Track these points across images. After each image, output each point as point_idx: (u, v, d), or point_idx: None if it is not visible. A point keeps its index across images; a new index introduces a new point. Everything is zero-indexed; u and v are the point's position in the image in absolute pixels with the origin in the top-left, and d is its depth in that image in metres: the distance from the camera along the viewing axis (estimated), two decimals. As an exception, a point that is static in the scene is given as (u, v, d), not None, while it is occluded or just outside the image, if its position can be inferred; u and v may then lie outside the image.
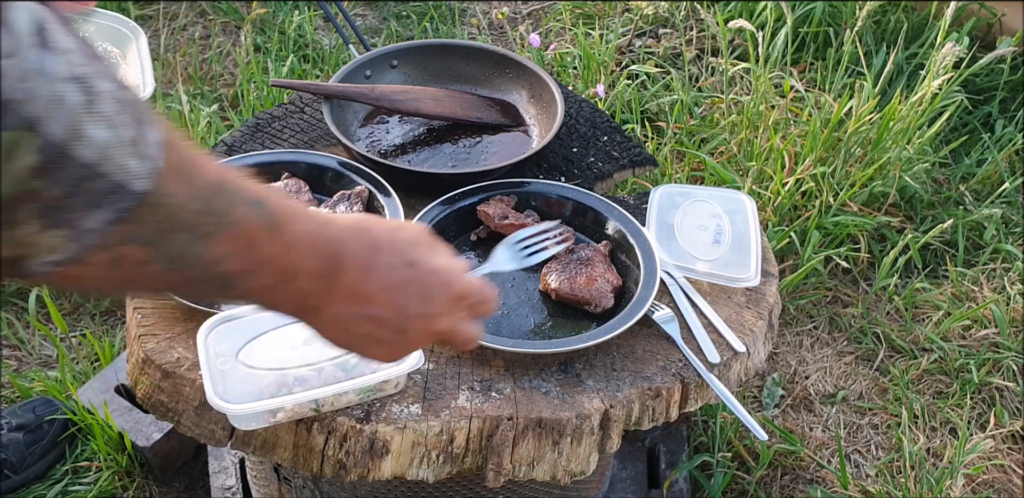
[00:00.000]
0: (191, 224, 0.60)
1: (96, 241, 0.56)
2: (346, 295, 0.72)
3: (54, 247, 0.55)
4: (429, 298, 0.76)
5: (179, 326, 1.20)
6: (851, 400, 2.05)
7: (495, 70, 1.58)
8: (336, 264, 0.71)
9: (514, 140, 1.51)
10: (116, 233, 0.56)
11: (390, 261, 0.74)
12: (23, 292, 2.15)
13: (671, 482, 1.77)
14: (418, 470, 1.13)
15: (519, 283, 1.30)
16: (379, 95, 1.47)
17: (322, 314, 0.73)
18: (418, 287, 0.76)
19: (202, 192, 0.61)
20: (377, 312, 0.74)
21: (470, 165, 1.45)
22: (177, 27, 2.86)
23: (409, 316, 0.75)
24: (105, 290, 0.64)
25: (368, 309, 0.73)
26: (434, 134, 1.50)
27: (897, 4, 2.76)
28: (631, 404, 1.15)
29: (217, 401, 1.03)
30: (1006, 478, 1.90)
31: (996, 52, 2.15)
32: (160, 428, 1.78)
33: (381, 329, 0.75)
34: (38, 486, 1.81)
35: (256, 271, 0.66)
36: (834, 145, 2.28)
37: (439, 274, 0.77)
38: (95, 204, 0.54)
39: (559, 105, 1.47)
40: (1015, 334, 2.11)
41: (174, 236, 0.60)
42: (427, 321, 0.77)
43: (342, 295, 0.72)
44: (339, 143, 1.41)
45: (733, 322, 1.25)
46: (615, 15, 2.89)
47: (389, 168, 1.37)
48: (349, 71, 1.52)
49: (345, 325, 0.74)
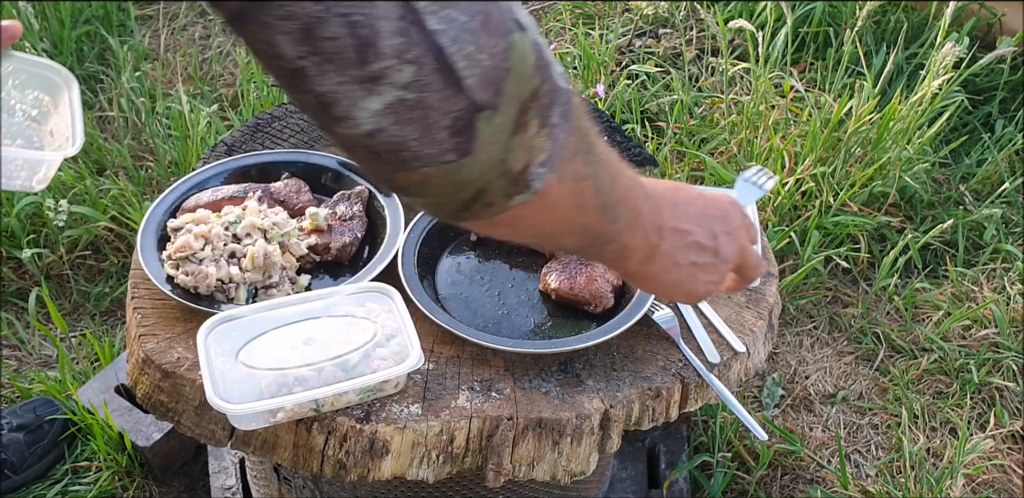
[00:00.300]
0: (596, 145, 0.72)
1: (562, 139, 0.66)
2: (670, 231, 0.84)
3: (543, 147, 0.65)
4: (726, 217, 0.89)
5: (179, 326, 1.20)
6: (851, 400, 2.05)
7: (495, 70, 1.58)
8: (657, 205, 0.83)
9: (514, 140, 1.51)
10: (569, 141, 0.67)
11: (687, 196, 0.88)
12: (23, 292, 2.15)
13: (671, 482, 1.77)
14: (418, 470, 1.13)
15: (519, 283, 1.30)
16: (379, 95, 1.47)
17: (659, 253, 0.84)
18: (714, 210, 0.89)
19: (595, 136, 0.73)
20: (695, 238, 0.86)
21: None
22: (177, 27, 2.86)
23: (718, 234, 0.88)
24: (564, 217, 0.73)
25: (688, 237, 0.86)
26: (434, 134, 1.50)
27: (897, 4, 2.75)
28: (631, 404, 1.15)
29: (217, 401, 1.03)
30: (1006, 478, 1.90)
31: (996, 52, 2.15)
32: (160, 428, 1.78)
33: (702, 253, 0.87)
34: (38, 486, 1.81)
35: (624, 201, 0.78)
36: (834, 145, 2.28)
37: (720, 198, 0.91)
38: (555, 97, 0.64)
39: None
40: (1015, 334, 2.11)
41: (593, 151, 0.71)
42: (731, 237, 0.89)
43: (668, 232, 0.84)
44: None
45: (733, 322, 1.25)
46: (615, 15, 2.89)
47: (389, 168, 1.37)
48: (349, 71, 1.52)
49: (675, 258, 0.86)
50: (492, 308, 1.26)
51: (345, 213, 1.32)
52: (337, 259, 1.29)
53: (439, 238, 1.32)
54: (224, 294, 1.21)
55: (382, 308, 1.13)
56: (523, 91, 0.61)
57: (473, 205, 0.66)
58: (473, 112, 0.59)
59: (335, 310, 1.13)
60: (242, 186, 1.34)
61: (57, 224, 2.10)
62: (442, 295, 1.27)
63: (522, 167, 0.64)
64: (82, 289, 2.17)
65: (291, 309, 1.13)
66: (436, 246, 1.32)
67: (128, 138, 2.42)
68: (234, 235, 1.24)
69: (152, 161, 2.37)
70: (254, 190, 1.32)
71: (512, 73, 0.60)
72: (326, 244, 1.28)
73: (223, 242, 1.23)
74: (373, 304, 1.14)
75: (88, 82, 2.64)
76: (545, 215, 0.71)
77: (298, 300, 1.14)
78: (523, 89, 0.61)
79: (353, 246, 1.30)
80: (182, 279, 1.20)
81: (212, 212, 1.27)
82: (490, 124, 0.61)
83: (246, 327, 1.11)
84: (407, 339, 1.10)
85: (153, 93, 2.47)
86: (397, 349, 1.09)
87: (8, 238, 2.17)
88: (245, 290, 1.22)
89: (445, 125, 0.59)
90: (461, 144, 0.61)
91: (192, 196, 1.33)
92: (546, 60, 0.62)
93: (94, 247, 2.22)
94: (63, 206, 2.10)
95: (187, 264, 1.21)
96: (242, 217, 1.25)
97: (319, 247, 1.28)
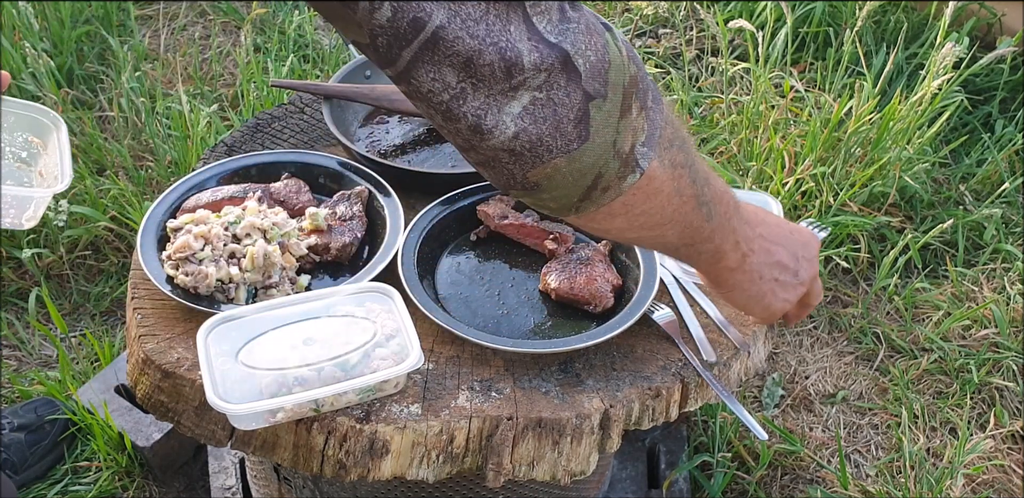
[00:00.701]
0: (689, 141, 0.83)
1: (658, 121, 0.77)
2: (759, 245, 0.94)
3: (643, 127, 0.76)
4: (808, 244, 0.99)
5: (179, 326, 1.20)
6: (851, 400, 2.05)
7: (495, 70, 1.58)
8: (745, 221, 0.92)
9: (514, 140, 1.51)
10: (664, 130, 0.77)
11: (775, 219, 0.98)
12: (23, 292, 2.15)
13: (671, 482, 1.77)
14: (418, 470, 1.13)
15: (519, 283, 1.30)
16: (379, 95, 1.47)
17: (747, 263, 0.94)
18: (798, 235, 0.99)
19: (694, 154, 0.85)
20: (780, 258, 0.96)
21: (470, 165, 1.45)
22: (177, 27, 2.86)
23: (800, 258, 0.98)
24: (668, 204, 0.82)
25: (774, 255, 0.96)
26: (434, 134, 1.50)
27: (897, 4, 2.75)
28: (631, 404, 1.15)
29: (217, 401, 1.03)
30: (1006, 478, 1.90)
31: (996, 52, 2.15)
32: (160, 428, 1.78)
33: (784, 271, 0.97)
34: (38, 486, 1.81)
35: (719, 203, 0.87)
36: (834, 145, 2.28)
37: (802, 228, 1.02)
38: (646, 84, 0.75)
39: (559, 105, 1.47)
40: (1015, 334, 2.11)
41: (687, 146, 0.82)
42: (810, 263, 0.98)
43: (757, 245, 0.94)
44: (339, 143, 1.41)
45: (733, 322, 1.25)
46: (615, 15, 2.89)
47: (389, 168, 1.37)
48: (349, 71, 1.52)
49: (761, 271, 0.95)
50: (492, 308, 1.26)
51: (345, 213, 1.32)
52: (337, 259, 1.29)
53: (439, 238, 1.32)
54: (224, 294, 1.21)
55: (382, 308, 1.13)
56: (623, 78, 0.72)
57: (592, 192, 0.76)
58: (587, 102, 0.71)
59: (335, 310, 1.13)
60: (242, 186, 1.34)
61: (57, 224, 2.10)
62: (442, 295, 1.27)
63: (629, 147, 0.75)
64: (82, 289, 2.17)
65: (291, 309, 1.13)
66: (436, 246, 1.32)
67: (128, 138, 2.42)
68: (234, 235, 1.24)
69: (152, 161, 2.37)
70: (254, 190, 1.32)
71: (612, 65, 0.71)
72: (326, 244, 1.28)
73: (223, 242, 1.23)
74: (373, 304, 1.14)
75: (88, 82, 2.64)
76: (650, 201, 0.80)
77: (298, 300, 1.14)
78: (623, 76, 0.72)
79: (353, 246, 1.30)
80: (182, 279, 1.20)
81: (212, 212, 1.27)
82: (601, 111, 0.72)
83: (246, 327, 1.11)
84: (407, 339, 1.10)
85: (153, 93, 2.47)
86: (397, 349, 1.09)
87: (8, 238, 2.17)
88: (245, 290, 1.22)
89: (570, 118, 0.71)
90: (581, 132, 0.72)
91: (192, 196, 1.33)
92: (634, 52, 0.73)
93: (94, 247, 2.22)
94: (63, 206, 2.10)
95: (187, 264, 1.21)
96: (242, 217, 1.25)
97: (319, 247, 1.28)
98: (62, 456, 1.85)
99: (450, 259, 1.32)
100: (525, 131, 0.70)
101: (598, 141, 0.73)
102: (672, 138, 0.79)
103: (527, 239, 1.33)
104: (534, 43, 0.67)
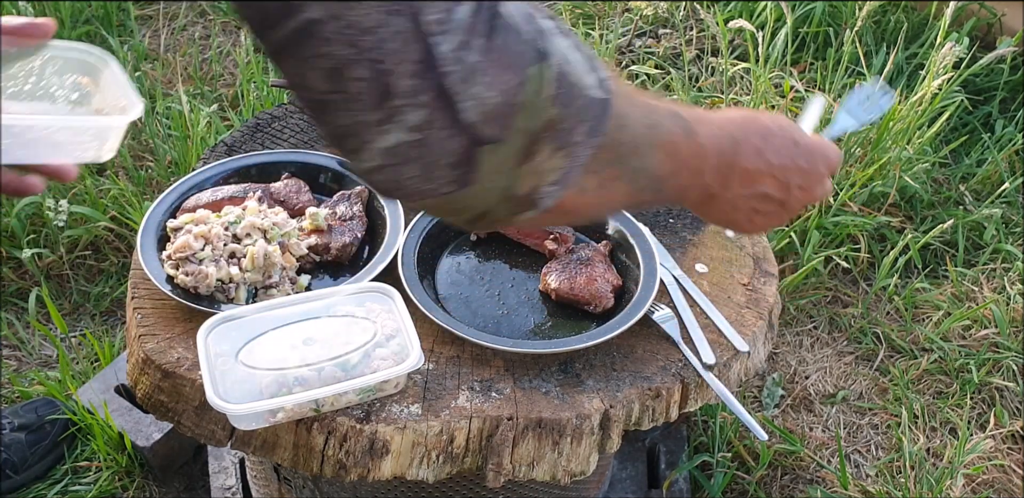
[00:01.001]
0: (643, 137, 0.71)
1: (584, 155, 0.65)
2: (741, 179, 0.82)
3: (557, 167, 0.64)
4: (810, 172, 0.87)
5: (179, 326, 1.20)
6: (851, 400, 2.05)
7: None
8: (735, 152, 0.81)
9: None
10: (597, 154, 0.66)
11: (782, 143, 0.85)
12: (23, 292, 2.15)
13: (671, 482, 1.77)
14: (418, 470, 1.13)
15: (519, 283, 1.30)
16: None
17: (717, 199, 0.83)
18: (803, 162, 0.86)
19: (643, 110, 0.71)
20: (765, 189, 0.85)
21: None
22: (177, 27, 2.86)
23: (791, 188, 0.86)
24: (588, 214, 0.75)
25: (757, 187, 0.84)
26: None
27: (897, 4, 2.75)
28: (631, 404, 1.15)
29: (217, 401, 1.03)
30: (1006, 478, 1.90)
31: (996, 52, 2.15)
32: (160, 428, 1.78)
33: (765, 203, 0.86)
34: (38, 486, 1.81)
35: (679, 173, 0.76)
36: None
37: (820, 149, 0.88)
38: (580, 118, 0.63)
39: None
40: (1015, 334, 2.11)
41: (634, 151, 0.71)
42: (806, 192, 0.88)
43: (737, 179, 0.82)
44: (339, 143, 1.41)
45: (733, 322, 1.25)
46: (615, 15, 2.89)
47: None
48: (349, 71, 1.52)
49: (735, 204, 0.85)
50: (492, 308, 1.26)
51: (345, 213, 1.32)
52: (337, 259, 1.29)
53: (439, 238, 1.32)
54: (224, 294, 1.21)
55: (382, 308, 1.13)
56: (534, 123, 0.61)
57: (478, 223, 0.68)
58: (475, 146, 0.60)
59: (335, 310, 1.13)
60: (242, 186, 1.34)
61: (57, 224, 2.10)
62: (442, 295, 1.27)
63: (528, 190, 0.64)
64: (82, 289, 2.17)
65: (291, 309, 1.13)
66: (436, 246, 1.32)
67: (128, 138, 2.42)
68: (234, 235, 1.24)
69: (152, 161, 2.37)
70: (254, 190, 1.32)
71: (523, 107, 0.60)
72: (326, 244, 1.28)
73: (223, 242, 1.23)
74: (373, 304, 1.14)
75: (88, 82, 2.64)
76: (562, 218, 0.73)
77: (298, 300, 1.14)
78: (535, 121, 0.61)
79: (353, 246, 1.30)
80: (182, 279, 1.20)
81: (212, 212, 1.27)
82: (494, 156, 0.61)
83: (246, 327, 1.11)
84: (407, 339, 1.10)
85: (153, 93, 2.47)
86: (397, 349, 1.09)
87: (8, 238, 2.17)
88: (245, 290, 1.22)
89: (445, 163, 0.60)
90: (461, 176, 0.61)
91: (192, 196, 1.33)
92: (571, 85, 0.62)
93: (94, 247, 2.22)
94: (63, 206, 2.10)
95: (187, 264, 1.21)
96: (242, 217, 1.25)
97: (319, 247, 1.28)
98: (62, 456, 1.85)
99: (450, 259, 1.32)
100: (384, 170, 0.60)
101: (485, 186, 0.62)
102: (610, 158, 0.68)
103: (527, 239, 1.33)
104: (421, 67, 0.56)
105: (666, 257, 1.32)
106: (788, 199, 0.87)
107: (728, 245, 1.36)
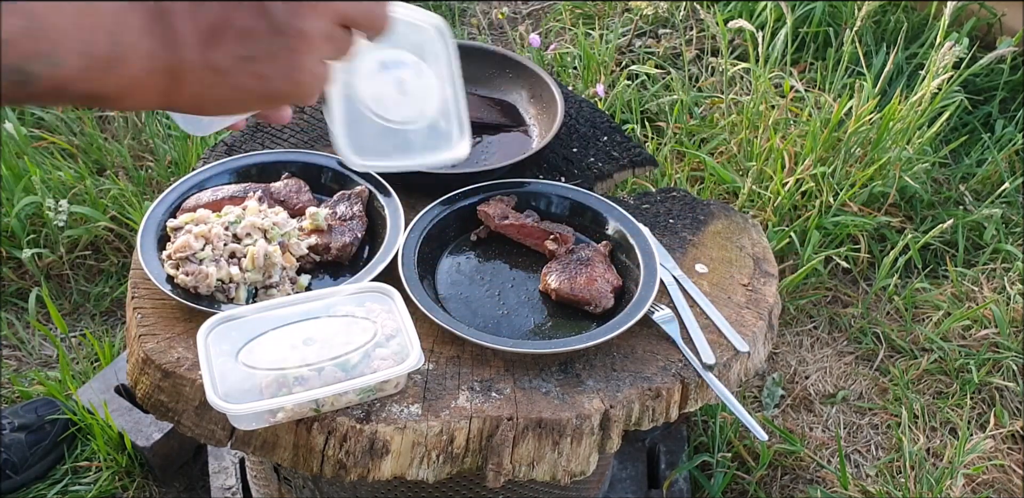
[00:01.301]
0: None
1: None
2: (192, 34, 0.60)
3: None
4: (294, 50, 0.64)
5: (179, 326, 1.20)
6: (851, 400, 2.05)
7: (495, 70, 1.58)
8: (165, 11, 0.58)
9: (514, 140, 1.51)
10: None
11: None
12: (23, 292, 2.15)
13: (671, 482, 1.77)
14: (418, 470, 1.13)
15: (519, 283, 1.30)
16: (379, 95, 1.47)
17: (184, 72, 0.61)
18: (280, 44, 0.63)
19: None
20: (230, 28, 0.61)
21: (470, 165, 1.45)
22: (177, 27, 2.86)
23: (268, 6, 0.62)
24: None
25: (222, 34, 0.61)
26: (434, 134, 1.50)
27: (897, 4, 2.76)
28: (631, 404, 1.15)
29: (217, 401, 1.03)
30: (1006, 478, 1.90)
31: (996, 52, 2.15)
32: (160, 428, 1.78)
33: (249, 41, 0.62)
34: (38, 486, 1.81)
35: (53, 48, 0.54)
36: (834, 145, 2.28)
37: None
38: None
39: (559, 105, 1.47)
40: (1015, 334, 2.11)
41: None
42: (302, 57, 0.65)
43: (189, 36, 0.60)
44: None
45: (733, 322, 1.25)
46: (615, 15, 2.89)
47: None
48: (349, 71, 1.52)
49: (215, 63, 0.62)
50: (492, 308, 1.26)
51: (345, 213, 1.32)
52: (337, 259, 1.29)
53: (439, 238, 1.32)
54: (224, 294, 1.21)
55: (382, 308, 1.13)
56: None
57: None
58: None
59: (335, 310, 1.13)
60: (242, 186, 1.34)
61: (57, 224, 2.10)
62: (442, 295, 1.27)
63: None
64: (82, 289, 2.17)
65: (291, 309, 1.13)
66: (436, 246, 1.32)
67: (128, 138, 2.42)
68: (234, 235, 1.24)
69: (152, 161, 2.37)
70: (254, 190, 1.32)
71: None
72: (326, 244, 1.28)
73: (223, 242, 1.23)
74: (373, 304, 1.14)
75: (88, 82, 2.64)
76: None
77: (298, 300, 1.14)
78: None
79: (353, 246, 1.30)
80: (182, 279, 1.20)
81: (212, 212, 1.27)
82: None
83: (246, 327, 1.11)
84: (407, 339, 1.10)
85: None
86: (397, 349, 1.09)
87: (8, 238, 2.17)
88: (245, 290, 1.22)
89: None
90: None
91: (192, 196, 1.33)
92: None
93: (94, 247, 2.22)
94: (63, 206, 2.10)
95: (187, 264, 1.21)
96: (242, 217, 1.25)
97: (319, 247, 1.28)
98: (62, 456, 1.85)
99: (450, 259, 1.32)
100: None
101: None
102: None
103: (527, 239, 1.33)
104: None
105: (666, 257, 1.32)
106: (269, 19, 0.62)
107: (728, 245, 1.37)
